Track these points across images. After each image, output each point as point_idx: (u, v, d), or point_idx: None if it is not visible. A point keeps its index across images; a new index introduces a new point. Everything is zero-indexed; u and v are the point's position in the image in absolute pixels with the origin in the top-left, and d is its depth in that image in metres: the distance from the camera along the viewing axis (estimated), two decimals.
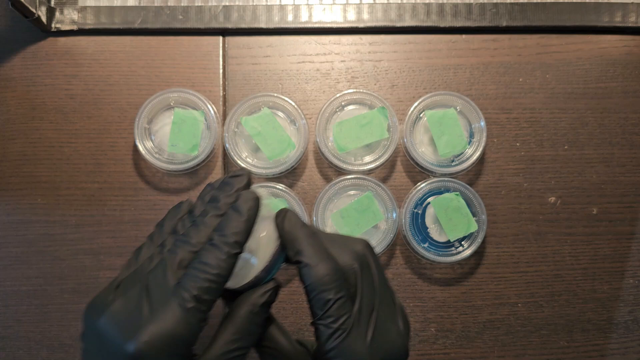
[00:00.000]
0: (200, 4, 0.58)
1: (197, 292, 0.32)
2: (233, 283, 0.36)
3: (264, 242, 0.36)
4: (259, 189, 0.37)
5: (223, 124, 0.57)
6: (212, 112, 0.55)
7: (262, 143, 0.55)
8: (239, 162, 0.55)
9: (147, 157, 0.55)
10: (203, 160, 0.55)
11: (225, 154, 0.57)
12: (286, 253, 0.36)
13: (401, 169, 0.58)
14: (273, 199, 0.37)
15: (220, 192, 0.35)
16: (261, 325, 0.36)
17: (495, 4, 0.58)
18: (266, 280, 0.36)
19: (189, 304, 0.32)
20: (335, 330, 0.34)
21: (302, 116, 0.55)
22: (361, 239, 0.38)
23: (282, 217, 0.37)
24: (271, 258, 0.36)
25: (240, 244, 0.34)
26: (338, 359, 0.34)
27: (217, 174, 0.57)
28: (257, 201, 0.35)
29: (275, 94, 0.56)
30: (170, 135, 0.55)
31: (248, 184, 0.36)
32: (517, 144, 0.58)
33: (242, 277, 0.36)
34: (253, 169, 0.55)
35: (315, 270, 0.34)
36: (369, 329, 0.35)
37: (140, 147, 0.55)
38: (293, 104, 0.55)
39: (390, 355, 0.36)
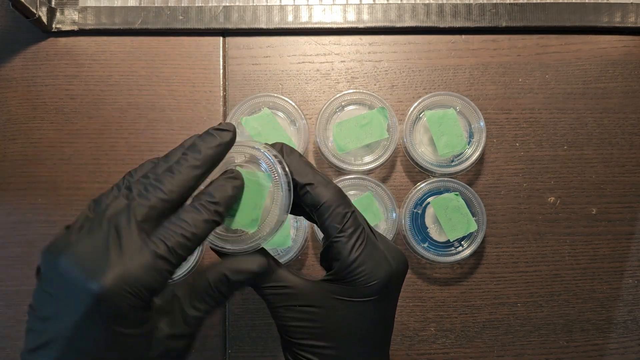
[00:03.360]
0: (200, 5, 0.58)
1: (171, 244, 0.31)
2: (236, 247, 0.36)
3: (268, 209, 0.37)
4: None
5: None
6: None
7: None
8: None
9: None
10: None
11: None
12: (295, 181, 0.37)
13: (401, 169, 0.58)
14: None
15: (201, 142, 0.34)
16: (229, 295, 0.36)
17: (495, 5, 0.58)
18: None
19: (161, 252, 0.31)
20: (356, 240, 0.36)
21: (302, 116, 0.55)
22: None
23: (279, 150, 0.38)
24: (275, 225, 0.37)
25: (221, 215, 0.34)
26: (363, 266, 0.36)
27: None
28: (242, 181, 0.35)
29: (276, 94, 0.56)
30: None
31: (232, 139, 0.35)
32: (517, 144, 0.58)
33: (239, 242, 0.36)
34: None
35: (328, 189, 0.37)
36: (377, 240, 0.38)
37: None
38: (293, 104, 0.56)
39: (398, 260, 0.38)
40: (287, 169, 0.37)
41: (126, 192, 0.33)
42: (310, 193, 0.36)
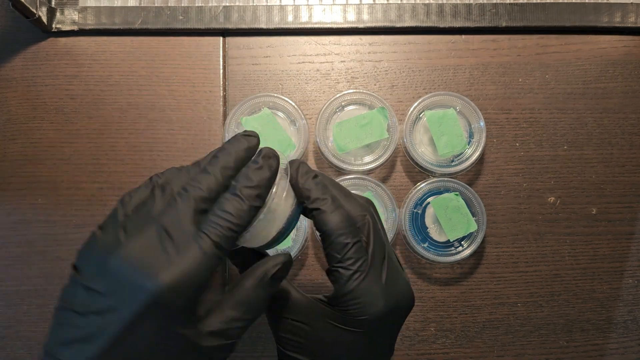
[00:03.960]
0: (200, 5, 0.58)
1: (217, 239, 0.32)
2: (253, 242, 0.36)
3: (280, 199, 0.36)
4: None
5: (223, 125, 0.57)
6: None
7: (262, 143, 0.54)
8: None
9: None
10: None
11: None
12: (302, 204, 0.37)
13: (401, 169, 0.58)
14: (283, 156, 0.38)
15: (231, 146, 0.35)
16: (267, 299, 0.36)
17: (495, 5, 0.58)
18: (284, 237, 0.37)
19: (209, 249, 0.31)
20: (354, 272, 0.35)
21: (302, 116, 0.55)
22: (365, 197, 0.40)
23: (295, 169, 0.38)
24: (290, 214, 0.37)
25: (262, 198, 0.34)
26: (357, 299, 0.35)
27: None
28: (278, 158, 0.36)
29: (276, 94, 0.56)
30: None
31: (258, 144, 0.36)
32: (517, 144, 0.58)
33: (262, 236, 0.36)
34: None
35: (333, 216, 0.36)
36: (383, 272, 0.37)
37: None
38: (293, 104, 0.55)
39: (401, 299, 0.38)
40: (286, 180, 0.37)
41: (160, 192, 0.33)
42: (316, 218, 0.36)
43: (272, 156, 0.35)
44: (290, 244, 0.54)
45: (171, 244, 0.31)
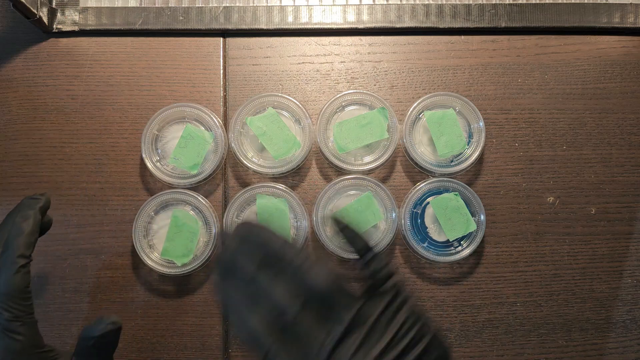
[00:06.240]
0: (201, 5, 0.59)
1: (7, 317, 0.39)
2: None
3: None
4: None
5: (225, 125, 0.57)
6: (222, 135, 0.55)
7: (268, 143, 0.55)
8: (244, 161, 0.55)
9: (149, 164, 0.55)
10: (202, 181, 0.55)
11: (228, 157, 0.57)
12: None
13: (401, 169, 0.58)
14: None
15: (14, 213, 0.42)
16: (99, 354, 0.43)
17: (494, 5, 0.59)
18: None
19: (6, 329, 0.39)
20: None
21: (307, 115, 0.55)
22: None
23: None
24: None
25: (25, 256, 0.40)
26: None
27: (219, 183, 0.57)
28: (34, 218, 0.42)
29: (280, 94, 0.56)
30: (175, 148, 0.55)
31: (45, 206, 0.43)
32: (516, 144, 0.58)
33: None
34: (259, 169, 0.55)
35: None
36: None
37: (145, 154, 0.55)
38: (297, 103, 0.56)
39: None
40: None
41: None
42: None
43: (29, 216, 0.42)
44: None
45: None
